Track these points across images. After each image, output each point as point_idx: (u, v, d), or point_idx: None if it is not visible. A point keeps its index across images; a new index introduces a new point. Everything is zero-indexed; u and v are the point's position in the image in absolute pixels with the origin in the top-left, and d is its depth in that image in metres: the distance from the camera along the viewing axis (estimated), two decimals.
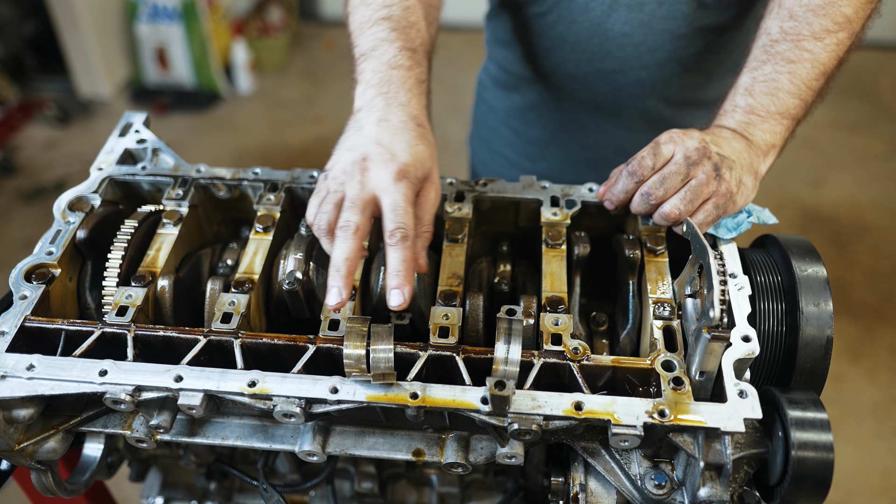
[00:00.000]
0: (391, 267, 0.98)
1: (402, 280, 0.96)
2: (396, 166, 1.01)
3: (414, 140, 1.05)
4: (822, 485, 0.95)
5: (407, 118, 1.08)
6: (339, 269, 0.97)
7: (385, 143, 1.03)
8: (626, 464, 1.03)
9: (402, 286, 0.96)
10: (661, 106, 1.70)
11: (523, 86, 1.81)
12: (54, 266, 1.15)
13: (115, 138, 1.38)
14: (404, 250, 0.98)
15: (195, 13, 4.79)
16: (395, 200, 0.99)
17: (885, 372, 3.37)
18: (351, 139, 1.07)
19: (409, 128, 1.06)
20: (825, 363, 1.07)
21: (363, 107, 1.10)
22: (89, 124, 4.83)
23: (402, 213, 0.99)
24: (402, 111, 1.08)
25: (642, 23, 1.52)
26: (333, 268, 0.98)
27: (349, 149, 1.05)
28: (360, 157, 1.03)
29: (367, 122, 1.07)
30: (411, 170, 1.02)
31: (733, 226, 1.15)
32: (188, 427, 1.14)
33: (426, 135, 1.08)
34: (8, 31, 4.72)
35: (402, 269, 0.97)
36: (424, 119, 1.12)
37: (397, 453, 1.10)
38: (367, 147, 1.03)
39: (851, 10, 1.19)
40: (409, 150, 1.03)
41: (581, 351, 1.02)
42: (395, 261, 0.97)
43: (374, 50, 1.15)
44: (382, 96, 1.09)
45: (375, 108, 1.08)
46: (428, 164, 1.06)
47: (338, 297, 0.97)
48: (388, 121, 1.06)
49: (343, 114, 4.97)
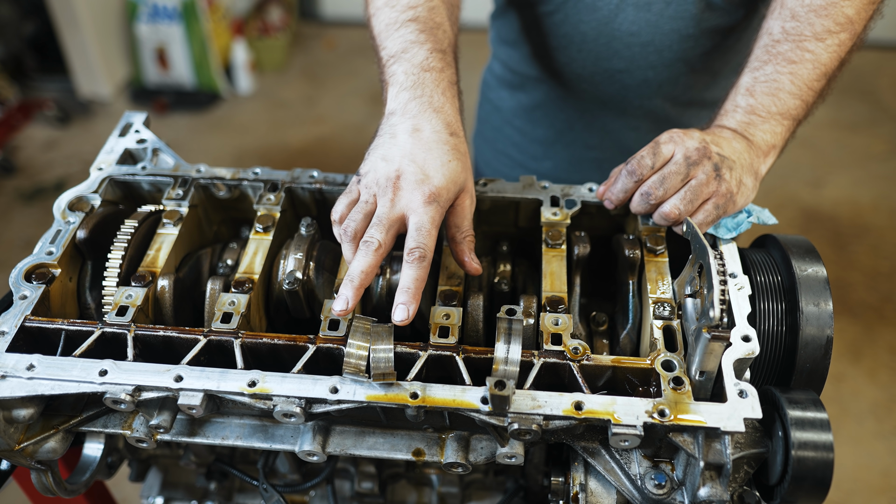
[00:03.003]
0: (403, 283, 1.00)
1: (410, 298, 0.99)
2: (429, 190, 1.03)
3: (447, 157, 1.06)
4: (822, 485, 0.95)
5: (441, 127, 1.08)
6: (353, 280, 1.00)
7: (419, 160, 1.05)
8: (626, 464, 1.03)
9: (408, 303, 0.99)
10: (668, 106, 1.70)
11: (529, 85, 1.81)
12: (54, 266, 1.15)
13: (115, 138, 1.38)
14: (419, 269, 1.00)
15: (195, 13, 4.79)
16: (422, 222, 1.02)
17: (885, 372, 3.37)
18: (385, 147, 1.08)
19: (442, 141, 1.07)
20: (825, 363, 1.07)
21: (396, 110, 1.11)
22: (89, 124, 4.83)
23: (425, 234, 1.01)
24: (436, 118, 1.09)
25: (650, 22, 1.52)
26: (348, 277, 1.01)
27: (384, 159, 1.07)
28: (395, 175, 1.04)
29: (401, 131, 1.08)
30: (443, 193, 1.05)
31: (733, 226, 1.15)
32: (188, 427, 1.14)
33: (459, 145, 1.09)
34: (8, 31, 4.72)
35: (413, 287, 1.00)
36: (458, 125, 1.12)
37: (397, 453, 1.10)
38: (402, 163, 1.05)
39: (853, 10, 1.19)
40: (442, 170, 1.05)
41: (581, 351, 1.02)
42: (407, 278, 1.00)
43: (404, 52, 1.15)
44: (416, 100, 1.10)
45: (409, 113, 1.09)
46: (461, 179, 1.08)
47: (344, 305, 1.00)
48: (421, 131, 1.07)
49: (343, 114, 4.95)
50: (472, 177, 1.14)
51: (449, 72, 1.16)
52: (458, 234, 1.11)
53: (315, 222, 1.25)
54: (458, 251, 1.12)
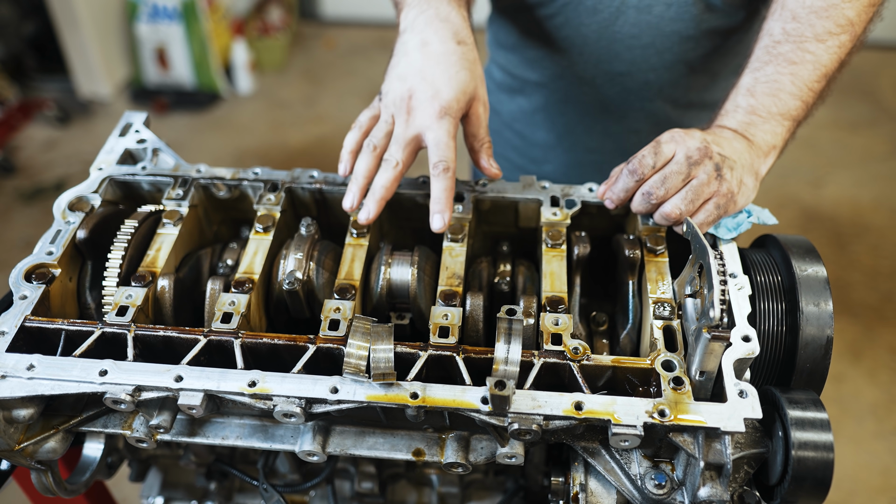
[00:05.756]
0: (434, 194, 1.11)
1: (444, 206, 1.10)
2: (440, 105, 1.11)
3: (455, 67, 1.13)
4: (823, 484, 0.95)
5: (448, 36, 1.15)
6: (375, 192, 1.12)
7: (428, 76, 1.12)
8: (626, 464, 1.02)
9: (443, 211, 1.10)
10: (668, 108, 1.70)
11: (529, 89, 1.80)
12: (54, 266, 1.15)
13: (115, 138, 1.38)
14: (446, 180, 1.11)
15: (195, 13, 4.79)
16: (439, 136, 1.11)
17: (885, 372, 3.37)
18: (400, 66, 1.16)
19: (450, 52, 1.14)
20: (825, 363, 1.07)
21: (407, 28, 1.18)
22: (89, 124, 4.84)
23: (444, 147, 1.11)
24: (443, 28, 1.16)
25: (650, 25, 1.52)
26: (372, 189, 1.12)
27: (399, 78, 1.15)
28: (408, 94, 1.13)
29: (412, 47, 1.15)
30: (454, 104, 1.12)
31: (733, 226, 1.15)
32: (188, 427, 1.14)
33: (467, 53, 1.16)
34: (8, 31, 4.72)
35: (444, 197, 1.10)
36: (466, 32, 1.18)
37: (397, 453, 1.10)
38: (413, 81, 1.13)
39: (854, 12, 1.19)
40: (451, 82, 1.12)
41: (581, 351, 1.02)
42: (437, 189, 1.11)
43: None
44: (423, 14, 1.17)
45: (417, 28, 1.16)
46: (470, 88, 1.15)
47: (368, 215, 1.12)
48: (430, 44, 1.14)
49: (343, 114, 4.95)
50: (483, 84, 1.20)
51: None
52: (475, 142, 1.21)
53: (315, 222, 1.25)
54: (476, 158, 1.22)
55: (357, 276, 1.16)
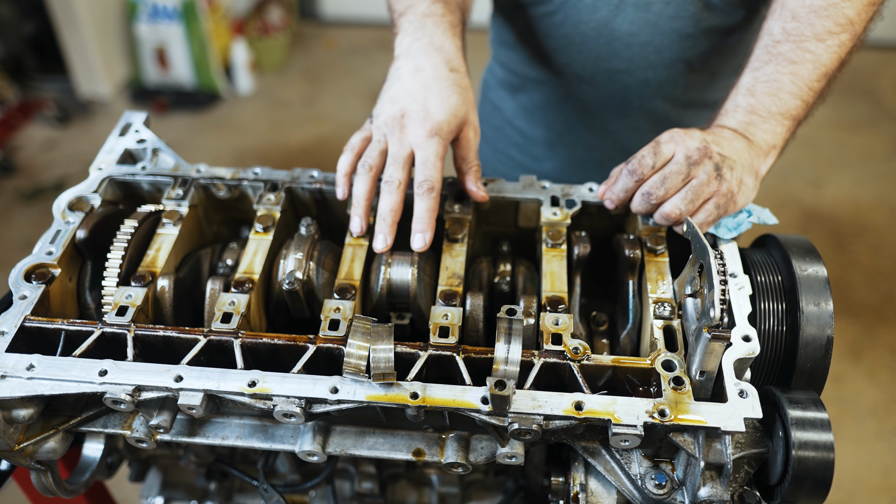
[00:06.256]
0: (417, 214, 1.12)
1: (426, 226, 1.12)
2: (430, 125, 1.13)
3: (447, 92, 1.15)
4: (823, 484, 0.94)
5: (441, 64, 1.17)
6: (384, 219, 1.13)
7: (420, 98, 1.14)
8: (626, 463, 1.02)
9: (424, 231, 1.12)
10: (668, 106, 1.70)
11: (529, 86, 1.81)
12: (54, 266, 1.15)
13: (114, 138, 1.38)
14: (430, 200, 1.12)
15: (195, 13, 4.79)
16: (427, 156, 1.13)
17: (886, 372, 3.37)
18: (392, 89, 1.18)
19: (442, 77, 1.16)
20: (825, 363, 1.07)
21: (401, 55, 1.21)
22: (89, 124, 4.83)
23: (430, 167, 1.12)
24: (436, 56, 1.17)
25: (649, 22, 1.52)
26: (380, 217, 1.14)
27: (391, 101, 1.17)
28: (400, 114, 1.15)
29: (405, 72, 1.17)
30: (444, 126, 1.14)
31: (733, 226, 1.15)
32: (188, 427, 1.14)
33: (459, 80, 1.18)
34: (8, 31, 4.72)
35: (426, 217, 1.12)
36: (458, 61, 1.20)
37: (397, 453, 1.10)
38: (405, 102, 1.15)
39: (854, 11, 1.19)
40: (443, 105, 1.14)
41: (581, 351, 1.02)
42: (421, 209, 1.12)
43: (410, 7, 1.25)
44: (418, 42, 1.19)
45: (412, 55, 1.18)
46: (461, 112, 1.16)
47: (384, 243, 1.13)
48: (422, 70, 1.16)
49: (343, 114, 4.95)
50: (475, 110, 1.22)
51: (450, 17, 1.24)
52: (464, 165, 1.22)
53: (315, 222, 1.25)
54: (463, 181, 1.23)
55: (357, 276, 1.16)
